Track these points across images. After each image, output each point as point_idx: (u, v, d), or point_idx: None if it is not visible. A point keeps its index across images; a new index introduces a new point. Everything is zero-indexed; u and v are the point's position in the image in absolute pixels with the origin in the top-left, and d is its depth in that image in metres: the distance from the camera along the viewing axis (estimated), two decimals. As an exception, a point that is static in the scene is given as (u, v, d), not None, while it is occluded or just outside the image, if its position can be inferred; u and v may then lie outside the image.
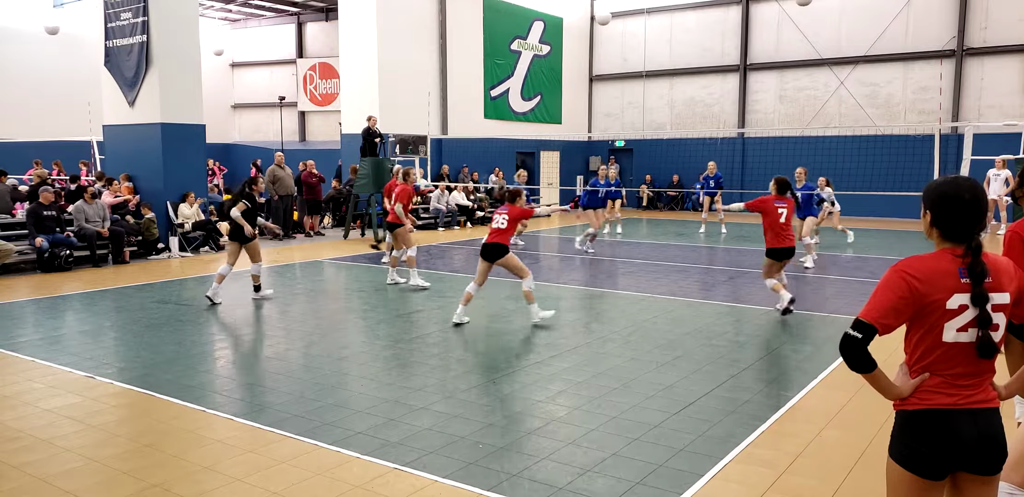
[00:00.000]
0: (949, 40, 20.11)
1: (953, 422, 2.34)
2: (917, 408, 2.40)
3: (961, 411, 2.36)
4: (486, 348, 6.84)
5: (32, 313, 8.50)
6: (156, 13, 13.67)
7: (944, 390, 2.38)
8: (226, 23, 29.54)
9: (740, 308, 8.63)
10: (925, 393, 2.40)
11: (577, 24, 25.77)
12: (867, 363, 2.38)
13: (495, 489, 3.86)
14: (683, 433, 4.65)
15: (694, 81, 24.29)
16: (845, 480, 3.99)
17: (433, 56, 20.66)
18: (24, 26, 21.88)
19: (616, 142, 25.99)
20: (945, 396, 2.37)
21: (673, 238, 16.19)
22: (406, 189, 10.09)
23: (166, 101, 13.92)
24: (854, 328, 2.39)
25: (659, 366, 6.16)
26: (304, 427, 4.76)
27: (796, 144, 20.61)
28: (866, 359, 2.37)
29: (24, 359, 6.45)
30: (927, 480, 2.37)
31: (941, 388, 2.38)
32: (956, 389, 2.37)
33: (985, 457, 2.35)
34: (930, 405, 2.38)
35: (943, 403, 2.37)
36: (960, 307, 2.35)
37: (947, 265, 2.38)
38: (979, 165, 14.67)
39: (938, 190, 2.43)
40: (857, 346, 2.37)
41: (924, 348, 2.41)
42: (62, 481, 4.00)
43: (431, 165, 19.97)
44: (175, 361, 6.38)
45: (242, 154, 26.90)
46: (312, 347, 6.94)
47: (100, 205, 12.43)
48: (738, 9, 23.23)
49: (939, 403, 2.37)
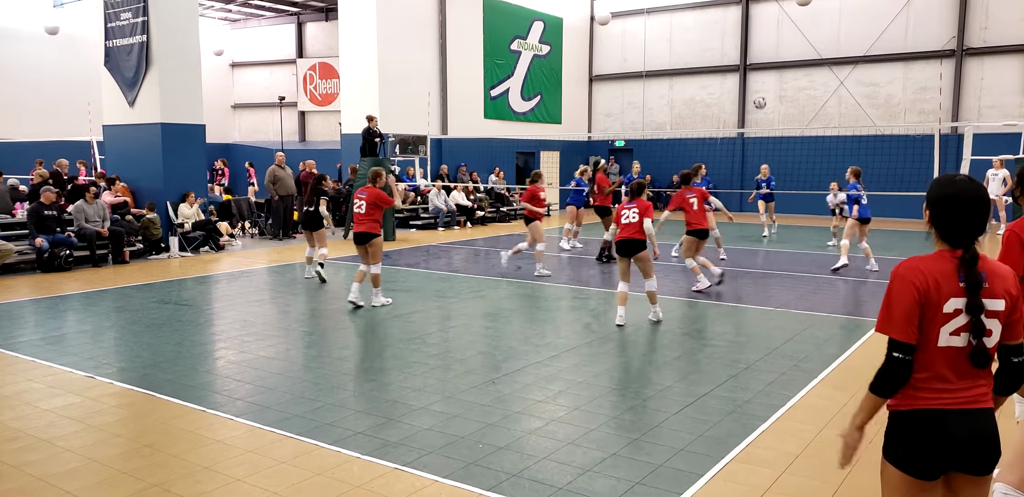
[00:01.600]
0: (949, 40, 20.12)
1: (945, 422, 2.34)
2: (910, 408, 2.40)
3: (953, 411, 2.35)
4: (486, 348, 6.84)
5: (32, 313, 8.50)
6: (156, 13, 13.68)
7: (936, 391, 2.38)
8: (226, 23, 29.54)
9: (740, 308, 8.63)
10: (918, 393, 2.39)
11: (577, 24, 25.77)
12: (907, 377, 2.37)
13: (495, 489, 3.86)
14: (683, 433, 4.65)
15: (694, 81, 24.29)
16: (845, 480, 3.99)
17: (433, 56, 20.66)
18: (24, 26, 21.87)
19: (616, 142, 26.00)
20: (937, 397, 2.37)
21: (673, 238, 16.18)
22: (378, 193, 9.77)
23: (166, 101, 13.92)
24: (896, 349, 2.36)
25: (659, 366, 6.15)
26: (304, 427, 4.77)
27: (796, 144, 20.60)
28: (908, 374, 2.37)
29: (24, 359, 6.45)
30: (921, 480, 2.37)
31: (933, 389, 2.38)
32: (948, 391, 2.37)
33: (978, 457, 2.34)
34: (923, 406, 2.38)
35: (935, 404, 2.37)
36: (955, 311, 2.34)
37: (946, 267, 2.37)
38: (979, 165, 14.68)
39: (939, 191, 2.41)
40: (906, 368, 2.36)
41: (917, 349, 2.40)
42: (62, 481, 4.00)
43: (431, 165, 19.97)
44: (175, 361, 6.38)
45: (242, 154, 26.88)
46: (312, 347, 6.94)
47: (100, 205, 12.43)
48: (738, 9, 23.23)
49: (931, 404, 2.37)
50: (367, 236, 8.53)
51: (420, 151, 18.61)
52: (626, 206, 7.78)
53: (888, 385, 2.38)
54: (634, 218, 7.61)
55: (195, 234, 13.73)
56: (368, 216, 8.54)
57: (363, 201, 8.58)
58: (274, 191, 15.99)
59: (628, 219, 7.65)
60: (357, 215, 8.61)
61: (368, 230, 8.53)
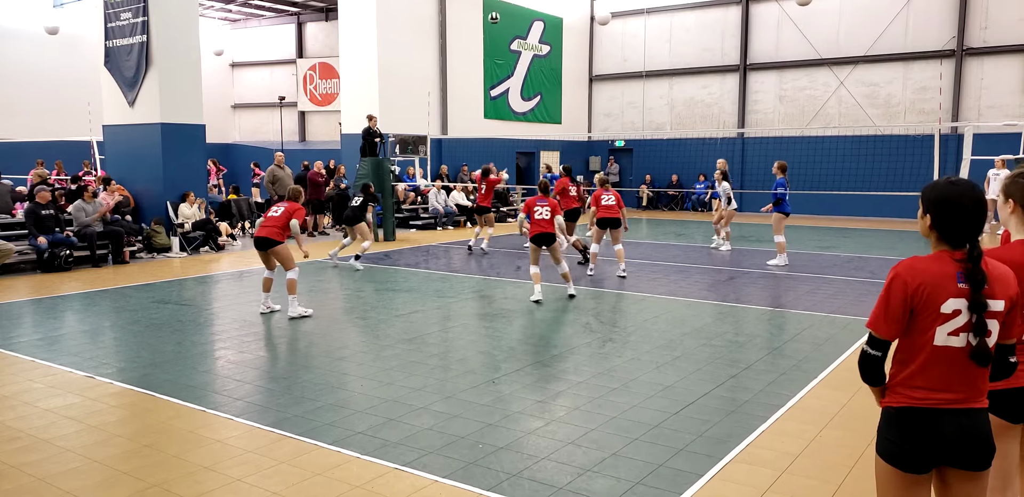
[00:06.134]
0: (949, 40, 20.12)
1: (936, 420, 2.37)
2: (902, 405, 2.43)
3: (946, 411, 2.37)
4: (486, 348, 6.84)
5: (32, 313, 8.50)
6: (156, 13, 13.67)
7: (930, 390, 2.39)
8: (226, 23, 29.53)
9: (740, 308, 8.63)
10: (912, 391, 2.42)
11: (577, 24, 25.77)
12: (880, 378, 2.49)
13: (495, 489, 3.86)
14: (683, 433, 4.65)
15: (694, 81, 24.28)
16: (845, 480, 3.99)
17: (433, 56, 20.66)
18: (24, 26, 21.87)
19: (616, 142, 25.99)
20: (929, 396, 2.39)
21: (673, 238, 16.19)
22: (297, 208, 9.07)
23: (166, 101, 13.92)
24: (870, 345, 2.46)
25: (659, 366, 6.16)
26: (304, 427, 4.77)
27: (796, 144, 20.60)
28: (880, 375, 2.49)
29: (24, 359, 6.45)
30: (911, 474, 2.40)
31: (927, 388, 2.40)
32: (941, 390, 2.38)
33: (969, 452, 2.36)
34: (915, 404, 2.40)
35: (927, 403, 2.39)
36: (954, 312, 2.35)
37: (946, 268, 2.38)
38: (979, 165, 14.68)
39: (940, 194, 2.41)
40: (876, 363, 2.47)
41: (913, 348, 2.42)
42: (62, 481, 4.00)
43: (431, 165, 19.97)
44: (175, 361, 6.38)
45: (242, 154, 26.88)
46: (312, 347, 6.94)
47: (99, 203, 12.43)
48: (738, 9, 23.23)
49: (923, 403, 2.39)
50: (270, 242, 8.09)
51: (420, 151, 18.61)
52: (538, 203, 9.13)
53: (866, 377, 2.51)
54: (547, 215, 9.02)
55: (195, 234, 13.73)
56: (278, 223, 8.11)
57: (282, 208, 8.23)
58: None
59: (541, 215, 9.04)
60: (269, 219, 8.18)
61: (270, 235, 8.08)
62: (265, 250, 8.17)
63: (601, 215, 10.76)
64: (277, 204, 8.47)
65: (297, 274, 8.21)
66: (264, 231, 8.14)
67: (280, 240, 8.11)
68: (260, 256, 8.32)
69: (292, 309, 8.09)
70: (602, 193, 10.88)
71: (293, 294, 8.12)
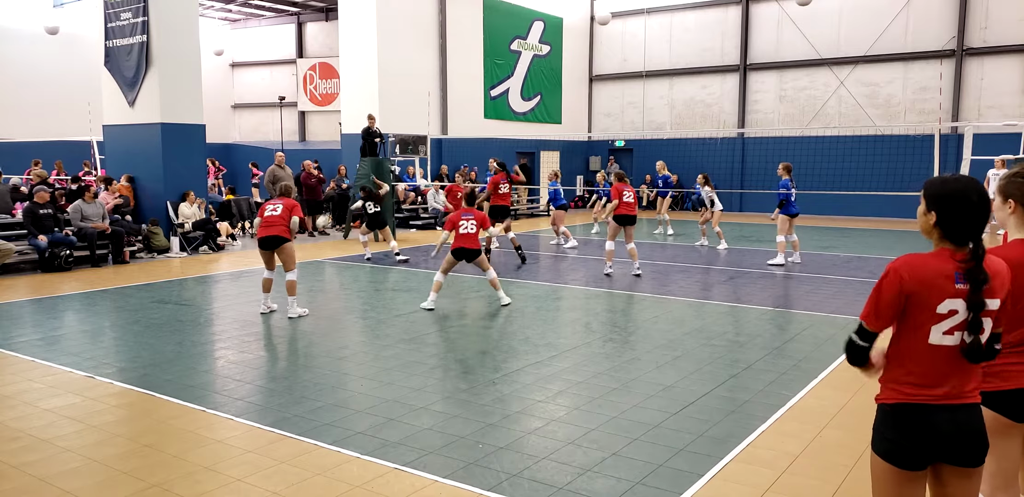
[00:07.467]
0: (949, 40, 20.12)
1: (931, 416, 2.37)
2: (896, 402, 2.43)
3: (939, 407, 2.38)
4: (486, 348, 6.84)
5: (32, 313, 8.49)
6: (156, 13, 13.67)
7: (923, 387, 2.40)
8: (226, 23, 29.53)
9: (740, 308, 8.63)
10: (905, 388, 2.42)
11: (577, 24, 25.76)
12: (864, 362, 2.53)
13: (495, 489, 3.86)
14: (683, 433, 4.64)
15: (694, 81, 24.28)
16: (845, 480, 3.99)
17: (433, 56, 20.66)
18: (24, 26, 21.87)
19: (616, 142, 25.99)
20: (923, 392, 2.39)
21: (672, 238, 16.18)
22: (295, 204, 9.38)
23: (166, 101, 13.92)
24: (859, 335, 2.47)
25: (659, 366, 6.15)
26: (304, 427, 4.76)
27: (796, 144, 20.60)
28: (864, 359, 2.52)
29: (24, 359, 6.45)
30: (907, 471, 2.41)
31: (920, 384, 2.40)
32: (935, 387, 2.39)
33: (964, 449, 2.36)
34: (909, 400, 2.41)
35: (921, 399, 2.39)
36: (950, 311, 2.35)
37: (945, 267, 2.36)
38: (979, 165, 14.67)
39: (945, 190, 2.39)
40: (862, 353, 2.49)
41: (906, 345, 2.43)
42: (62, 481, 4.00)
43: (431, 165, 19.96)
44: (175, 361, 6.38)
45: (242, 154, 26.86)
46: (312, 347, 6.94)
47: (99, 204, 12.43)
48: (738, 9, 23.23)
49: (918, 399, 2.40)
50: (279, 240, 8.01)
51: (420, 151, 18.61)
52: (463, 217, 8.53)
53: (851, 361, 2.54)
54: (472, 229, 8.46)
55: (195, 234, 13.73)
56: (283, 221, 8.03)
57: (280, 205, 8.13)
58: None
59: (467, 229, 8.46)
60: (271, 218, 8.05)
61: (280, 234, 8.01)
62: (273, 249, 8.08)
63: (621, 211, 10.49)
64: (270, 202, 8.28)
65: (297, 275, 8.20)
66: (272, 230, 8.03)
67: (289, 237, 8.08)
68: (263, 256, 8.26)
69: (292, 310, 8.09)
70: (623, 188, 10.56)
71: (293, 296, 8.12)
